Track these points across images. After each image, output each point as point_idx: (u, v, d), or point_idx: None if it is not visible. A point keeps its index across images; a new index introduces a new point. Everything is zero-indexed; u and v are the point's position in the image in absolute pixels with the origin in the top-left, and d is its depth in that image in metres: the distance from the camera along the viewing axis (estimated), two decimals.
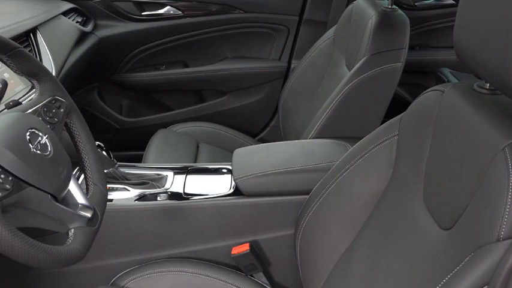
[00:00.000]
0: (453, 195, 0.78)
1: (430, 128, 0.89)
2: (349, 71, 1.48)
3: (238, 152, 1.34)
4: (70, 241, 0.77)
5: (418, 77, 2.20)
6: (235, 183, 1.22)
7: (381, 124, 1.05)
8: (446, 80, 1.95)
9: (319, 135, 1.44)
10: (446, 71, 2.01)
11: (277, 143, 1.41)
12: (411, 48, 1.86)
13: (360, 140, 1.08)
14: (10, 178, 0.69)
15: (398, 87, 1.46)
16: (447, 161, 0.82)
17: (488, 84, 0.83)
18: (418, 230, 0.84)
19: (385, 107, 1.47)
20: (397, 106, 1.46)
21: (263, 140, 2.18)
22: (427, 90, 0.95)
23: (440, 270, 0.72)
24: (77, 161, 0.94)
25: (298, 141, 1.46)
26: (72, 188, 0.83)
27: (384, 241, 0.91)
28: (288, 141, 1.46)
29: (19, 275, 1.25)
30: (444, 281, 0.70)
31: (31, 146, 0.74)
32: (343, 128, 1.43)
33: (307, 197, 1.12)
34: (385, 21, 1.43)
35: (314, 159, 1.25)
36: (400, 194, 0.93)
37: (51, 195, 0.76)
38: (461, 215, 0.75)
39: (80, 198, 0.83)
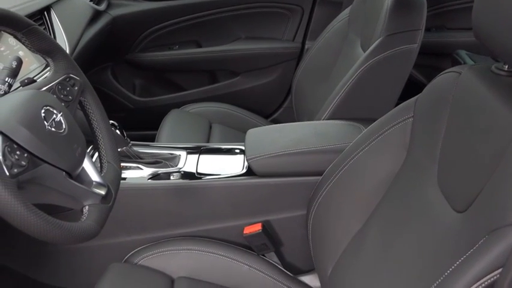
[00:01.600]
0: (468, 178, 0.77)
1: (445, 109, 0.88)
2: (364, 52, 1.47)
3: (251, 133, 1.33)
4: (84, 218, 0.78)
5: (433, 59, 2.17)
6: (248, 163, 1.22)
7: (395, 106, 1.04)
8: (462, 62, 1.92)
9: (332, 117, 1.43)
10: (463, 53, 1.98)
11: (290, 123, 1.41)
12: (427, 29, 1.84)
13: (374, 121, 1.07)
14: (25, 155, 0.70)
15: (413, 69, 1.44)
16: (463, 143, 0.81)
17: (506, 66, 0.82)
18: (431, 212, 0.83)
19: (399, 89, 1.45)
20: (411, 88, 1.44)
21: (276, 121, 2.17)
22: (444, 72, 0.93)
23: (454, 253, 0.72)
24: (91, 140, 0.94)
25: (312, 122, 1.45)
26: (87, 165, 0.84)
27: (396, 223, 0.90)
28: (301, 122, 1.45)
29: (35, 250, 1.28)
30: (457, 263, 0.70)
31: (46, 124, 0.75)
32: (357, 110, 1.42)
33: (320, 178, 1.12)
34: (402, 1, 1.40)
35: (327, 141, 1.24)
36: (414, 177, 0.92)
37: (66, 172, 0.76)
38: (476, 197, 0.74)
39: (94, 176, 0.84)
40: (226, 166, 1.26)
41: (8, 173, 0.65)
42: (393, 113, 1.03)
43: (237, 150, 1.33)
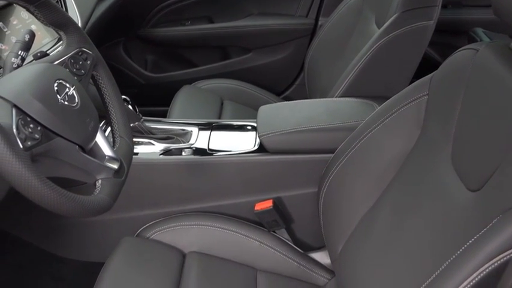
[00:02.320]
0: (483, 156, 0.76)
1: (461, 87, 0.86)
2: (379, 28, 1.44)
3: (264, 109, 1.33)
4: (97, 191, 0.79)
5: (449, 37, 2.13)
6: (260, 140, 1.22)
7: (409, 84, 1.03)
8: (479, 40, 1.88)
9: (345, 94, 1.42)
10: (480, 31, 1.94)
11: (302, 100, 1.40)
12: (443, 6, 1.79)
13: (388, 99, 1.06)
14: (39, 128, 0.70)
15: (428, 47, 1.42)
16: (478, 121, 0.80)
17: None
18: (444, 191, 0.83)
19: (414, 66, 1.43)
20: (426, 66, 1.42)
21: (288, 98, 2.15)
22: (460, 49, 0.92)
23: (466, 232, 0.71)
24: (103, 115, 0.94)
25: (324, 99, 1.44)
26: (99, 140, 0.84)
27: (408, 202, 0.90)
28: (313, 100, 1.44)
29: (49, 223, 1.29)
30: (470, 242, 0.69)
31: (59, 97, 0.75)
32: (371, 87, 1.40)
33: (332, 155, 1.11)
34: None
35: (340, 118, 1.24)
36: (427, 155, 0.92)
37: (79, 146, 0.76)
38: (491, 176, 0.74)
39: (107, 150, 0.84)
40: (238, 142, 1.26)
41: (21, 146, 0.65)
42: (408, 90, 1.01)
43: (249, 127, 1.32)
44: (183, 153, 1.23)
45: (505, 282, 0.67)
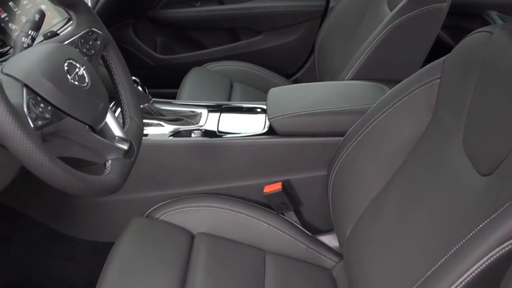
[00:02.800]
0: (495, 141, 0.76)
1: (475, 70, 0.85)
2: (391, 11, 1.42)
3: (273, 92, 1.32)
4: (107, 172, 0.79)
5: (462, 20, 2.10)
6: (270, 122, 1.22)
7: (421, 68, 1.02)
8: (493, 23, 1.85)
9: (356, 77, 1.41)
10: (494, 14, 1.91)
11: (313, 83, 1.39)
12: None
13: (399, 83, 1.05)
14: (49, 108, 0.70)
15: (440, 30, 1.40)
16: (492, 105, 0.79)
17: None
18: (455, 175, 0.82)
19: (426, 49, 1.41)
20: (438, 50, 1.40)
21: (298, 81, 2.14)
22: (475, 32, 0.90)
23: (477, 216, 0.71)
24: (113, 96, 0.94)
25: (335, 82, 1.43)
26: (109, 120, 0.84)
27: (418, 186, 0.89)
28: (324, 82, 1.43)
29: (59, 202, 1.30)
30: (480, 227, 0.69)
31: (69, 77, 0.75)
32: (382, 71, 1.39)
33: (342, 139, 1.11)
34: None
35: (350, 101, 1.23)
36: (438, 139, 0.91)
37: (89, 126, 0.77)
38: (503, 161, 0.73)
39: (117, 131, 0.84)
40: (247, 125, 1.26)
41: (32, 125, 0.65)
42: (419, 73, 1.00)
43: (259, 109, 1.32)
44: (193, 135, 1.23)
45: None
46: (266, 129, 1.23)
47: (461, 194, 0.79)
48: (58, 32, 1.15)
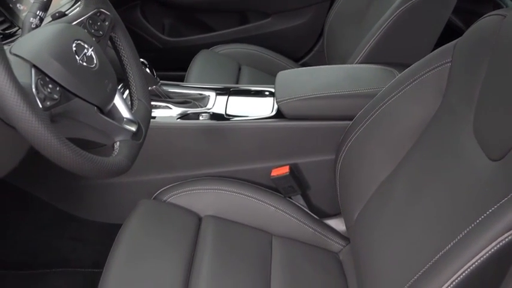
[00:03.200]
0: (506, 125, 0.75)
1: (487, 54, 0.84)
2: None
3: (282, 75, 1.31)
4: (115, 153, 0.79)
5: (474, 4, 2.07)
6: (278, 105, 1.21)
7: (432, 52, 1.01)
8: (505, 7, 1.83)
9: (365, 61, 1.39)
10: None
11: (321, 66, 1.38)
12: None
13: (409, 67, 1.04)
14: (57, 88, 0.70)
15: (451, 13, 1.38)
16: (503, 89, 0.78)
17: None
18: (464, 160, 0.82)
19: (437, 33, 1.39)
20: (448, 34, 1.38)
21: (306, 65, 2.12)
22: (487, 15, 0.89)
23: (486, 201, 0.71)
24: (121, 78, 0.94)
25: (344, 65, 1.42)
26: (118, 102, 0.84)
27: (427, 170, 0.89)
28: (333, 66, 1.42)
29: (68, 184, 1.31)
30: (490, 211, 0.69)
31: (77, 58, 0.74)
32: (392, 54, 1.38)
33: (350, 123, 1.10)
34: None
35: (359, 85, 1.22)
36: (448, 123, 0.90)
37: (97, 107, 0.77)
38: None
39: (125, 113, 0.84)
40: (255, 108, 1.25)
41: (41, 106, 0.65)
42: (430, 57, 0.99)
43: (267, 93, 1.31)
44: (200, 117, 1.22)
45: None
46: (274, 113, 1.23)
47: (471, 179, 0.78)
48: (66, 12, 1.14)
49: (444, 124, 0.91)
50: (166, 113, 1.24)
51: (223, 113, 1.24)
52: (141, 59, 1.10)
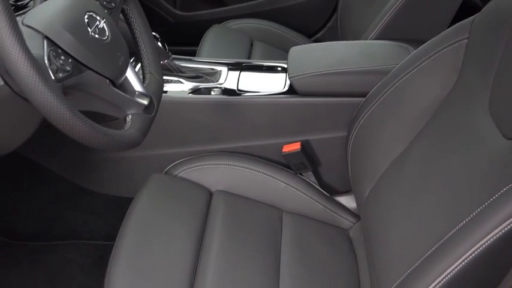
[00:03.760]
0: None
1: (505, 31, 0.82)
2: None
3: (295, 50, 1.30)
4: (127, 127, 0.79)
5: None
6: (290, 81, 1.20)
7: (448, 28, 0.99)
8: None
9: (380, 37, 1.37)
10: None
11: (335, 42, 1.36)
12: None
13: (424, 43, 1.02)
14: (70, 60, 0.70)
15: None
16: None
17: None
18: (479, 138, 0.81)
19: (454, 9, 1.36)
20: (464, 10, 1.35)
21: (319, 41, 2.09)
22: None
23: (501, 179, 0.70)
24: (133, 51, 0.93)
25: (358, 41, 1.40)
26: (130, 75, 0.84)
27: (440, 148, 0.88)
28: (346, 41, 1.40)
29: (81, 158, 1.32)
30: (503, 190, 0.68)
31: (89, 30, 0.74)
32: (407, 30, 1.35)
33: (363, 99, 1.09)
34: None
35: (373, 61, 1.20)
36: (463, 101, 0.89)
37: (109, 80, 0.76)
38: None
39: (137, 86, 0.84)
40: (267, 84, 1.24)
41: (53, 77, 0.65)
42: (446, 33, 0.97)
43: (279, 68, 1.30)
44: (212, 92, 1.22)
45: None
46: (286, 89, 1.22)
47: (486, 156, 0.77)
48: None
49: (459, 101, 0.90)
50: (178, 88, 1.23)
51: (235, 88, 1.23)
52: (153, 33, 1.10)
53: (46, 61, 0.66)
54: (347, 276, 1.04)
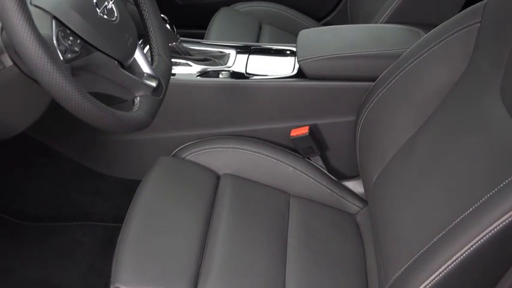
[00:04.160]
0: None
1: None
2: None
3: (304, 33, 1.28)
4: (136, 108, 0.79)
5: None
6: (299, 65, 1.19)
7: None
8: None
9: (390, 21, 1.36)
10: None
11: (345, 26, 1.35)
12: None
13: (435, 27, 1.01)
14: (78, 41, 0.69)
15: None
16: None
17: None
18: (489, 124, 0.80)
19: None
20: None
21: (328, 24, 2.07)
22: None
23: (511, 166, 0.69)
24: (141, 33, 0.93)
25: (368, 25, 1.38)
26: (138, 57, 0.83)
27: (450, 133, 0.87)
28: (356, 25, 1.39)
29: (90, 140, 1.32)
30: None
31: (98, 10, 0.74)
32: (418, 14, 1.34)
33: (373, 84, 1.08)
34: None
35: (383, 45, 1.19)
36: (474, 86, 0.88)
37: (118, 61, 0.76)
38: None
39: (146, 68, 0.83)
40: (276, 67, 1.24)
41: (62, 58, 0.65)
42: (458, 17, 0.96)
43: (288, 52, 1.29)
44: (220, 75, 1.21)
45: None
46: (295, 72, 1.21)
47: (496, 143, 0.76)
48: None
49: (470, 87, 0.89)
50: (186, 70, 1.23)
51: (244, 71, 1.23)
52: (162, 15, 1.09)
53: (55, 41, 0.65)
54: (353, 261, 1.04)
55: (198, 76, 1.21)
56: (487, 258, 0.70)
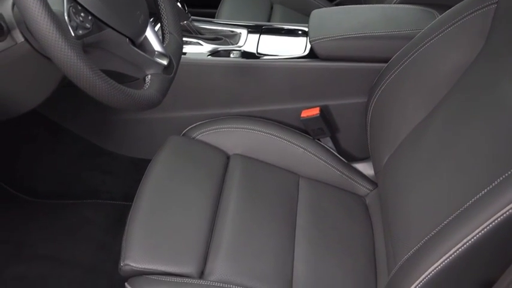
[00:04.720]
0: None
1: None
2: None
3: (316, 13, 1.27)
4: (147, 86, 0.79)
5: None
6: (311, 45, 1.18)
7: None
8: None
9: (404, 1, 1.34)
10: None
11: (358, 6, 1.33)
12: None
13: (451, 8, 0.99)
14: (89, 17, 0.69)
15: None
16: None
17: None
18: (504, 105, 0.78)
19: None
20: None
21: (341, 5, 2.05)
22: None
23: None
24: (152, 11, 0.92)
25: (381, 5, 1.36)
26: (149, 35, 0.83)
27: (464, 116, 0.86)
28: (370, 5, 1.36)
29: (99, 118, 1.32)
30: None
31: None
32: None
33: (385, 65, 1.07)
34: None
35: (397, 26, 1.17)
36: (489, 68, 0.86)
37: (129, 38, 0.76)
38: None
39: (157, 46, 0.83)
40: (287, 47, 1.23)
41: (73, 34, 0.64)
42: None
43: (300, 32, 1.28)
44: (231, 55, 1.21)
45: None
46: (307, 52, 1.20)
47: (509, 125, 0.75)
48: None
49: (485, 69, 0.88)
50: (196, 50, 1.22)
51: (255, 51, 1.22)
52: None
53: (66, 17, 0.65)
54: (362, 243, 1.04)
55: (208, 55, 1.20)
56: (497, 242, 0.70)
